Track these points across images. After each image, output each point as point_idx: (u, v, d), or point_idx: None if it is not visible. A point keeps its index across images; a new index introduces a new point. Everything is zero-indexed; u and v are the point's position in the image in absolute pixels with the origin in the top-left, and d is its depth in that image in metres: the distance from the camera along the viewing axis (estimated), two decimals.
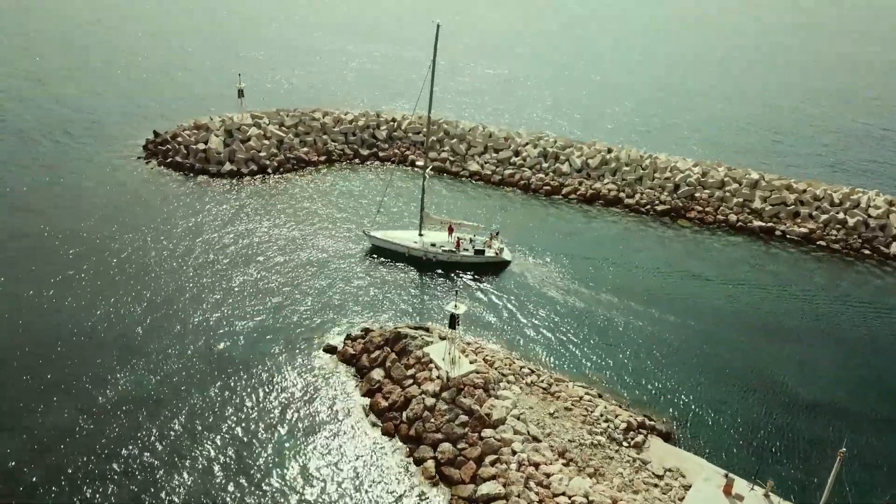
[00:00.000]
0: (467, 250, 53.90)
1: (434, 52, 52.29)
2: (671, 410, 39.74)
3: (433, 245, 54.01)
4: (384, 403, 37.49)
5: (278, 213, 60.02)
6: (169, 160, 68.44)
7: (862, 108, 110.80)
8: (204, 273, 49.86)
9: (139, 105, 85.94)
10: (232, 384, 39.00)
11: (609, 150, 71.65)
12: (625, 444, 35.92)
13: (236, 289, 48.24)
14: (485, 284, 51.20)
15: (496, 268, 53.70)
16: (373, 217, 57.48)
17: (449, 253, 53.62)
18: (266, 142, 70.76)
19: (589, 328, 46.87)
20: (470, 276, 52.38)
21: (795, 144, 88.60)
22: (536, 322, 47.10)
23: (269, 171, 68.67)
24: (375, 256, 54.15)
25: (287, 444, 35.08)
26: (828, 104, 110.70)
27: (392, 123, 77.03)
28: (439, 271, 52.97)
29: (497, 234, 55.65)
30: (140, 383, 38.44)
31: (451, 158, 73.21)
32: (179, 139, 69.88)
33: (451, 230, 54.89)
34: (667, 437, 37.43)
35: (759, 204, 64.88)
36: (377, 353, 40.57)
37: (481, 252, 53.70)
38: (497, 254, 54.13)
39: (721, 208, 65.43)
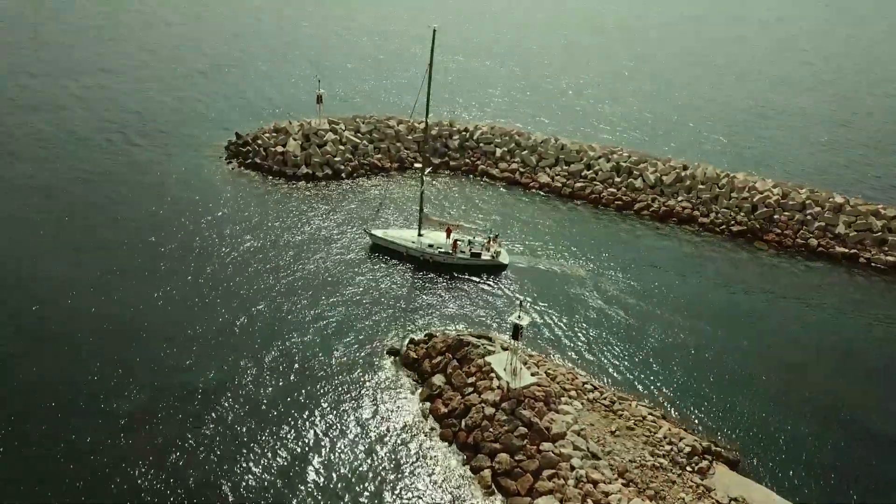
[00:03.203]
0: (463, 252, 54.26)
1: (431, 56, 52.74)
2: (739, 437, 38.38)
3: (430, 246, 54.64)
4: (444, 409, 37.71)
5: (347, 216, 61.30)
6: (249, 161, 71.05)
7: None
8: (272, 270, 51.47)
9: (225, 108, 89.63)
10: (295, 381, 40.06)
11: (685, 167, 70.03)
12: (688, 468, 34.91)
13: (301, 287, 49.57)
14: (546, 298, 50.77)
15: (534, 276, 53.67)
16: (374, 215, 59.14)
17: (445, 254, 54.12)
18: (341, 147, 72.51)
19: (655, 347, 45.83)
20: (488, 282, 52.26)
21: (887, 169, 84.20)
22: (601, 338, 46.41)
23: (343, 175, 70.30)
24: (380, 256, 54.95)
25: (345, 443, 35.74)
26: None
27: (464, 133, 77.59)
28: (438, 273, 53.37)
29: (496, 237, 55.84)
30: (206, 374, 39.96)
31: (522, 170, 73.13)
32: (259, 142, 72.46)
33: (448, 232, 55.42)
34: (733, 465, 36.17)
35: (842, 229, 62.00)
36: (439, 358, 40.86)
37: (477, 255, 54.00)
38: (493, 257, 54.28)
39: (801, 232, 62.86)
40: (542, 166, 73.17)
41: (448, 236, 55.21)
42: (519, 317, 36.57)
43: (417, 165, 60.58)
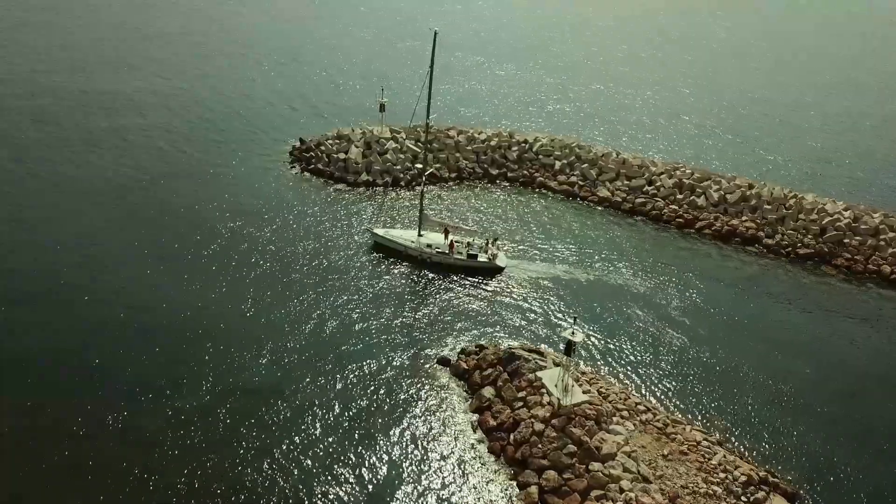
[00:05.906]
0: (461, 254, 54.53)
1: (431, 60, 53.03)
2: (798, 469, 37.00)
3: (429, 246, 55.20)
4: (492, 422, 37.63)
5: (403, 224, 61.95)
6: (311, 167, 72.65)
7: None
8: (326, 274, 52.45)
9: (290, 114, 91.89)
10: (347, 384, 40.68)
11: (750, 186, 68.06)
12: (743, 498, 33.83)
13: (356, 291, 50.35)
14: (606, 316, 50.04)
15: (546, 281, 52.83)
16: (380, 218, 60.87)
17: (442, 255, 54.41)
18: (402, 156, 73.39)
19: (713, 371, 44.62)
20: (474, 282, 51.86)
21: None
22: (656, 358, 45.48)
23: (402, 184, 71.09)
24: (383, 257, 55.64)
25: (392, 450, 36.05)
26: None
27: (523, 145, 77.42)
28: (436, 274, 53.79)
29: (495, 240, 56.06)
30: (261, 375, 40.97)
31: (581, 183, 72.45)
32: (322, 148, 74.04)
33: (447, 232, 55.73)
34: (791, 498, 34.88)
35: None
36: (489, 371, 40.82)
37: (474, 256, 54.19)
38: (490, 259, 54.34)
39: (873, 258, 60.18)
40: (601, 180, 72.33)
41: (446, 237, 55.84)
42: (572, 333, 36.23)
43: (422, 173, 60.99)
